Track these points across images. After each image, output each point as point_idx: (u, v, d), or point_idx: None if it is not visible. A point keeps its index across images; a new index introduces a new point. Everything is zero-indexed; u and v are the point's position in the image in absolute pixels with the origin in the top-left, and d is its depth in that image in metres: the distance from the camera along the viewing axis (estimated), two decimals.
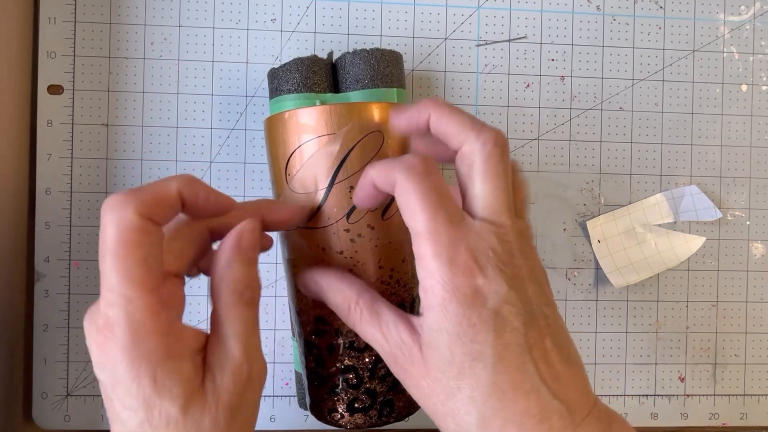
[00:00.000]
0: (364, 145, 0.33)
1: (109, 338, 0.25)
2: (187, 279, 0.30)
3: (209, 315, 0.29)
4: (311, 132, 0.33)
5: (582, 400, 0.27)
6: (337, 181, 0.33)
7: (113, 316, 0.25)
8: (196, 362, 0.27)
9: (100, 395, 0.44)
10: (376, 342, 0.29)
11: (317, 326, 0.34)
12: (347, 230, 0.33)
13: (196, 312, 0.45)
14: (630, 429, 0.28)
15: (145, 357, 0.25)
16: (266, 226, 0.31)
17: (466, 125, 0.29)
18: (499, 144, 0.29)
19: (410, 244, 0.34)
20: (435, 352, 0.26)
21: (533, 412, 0.25)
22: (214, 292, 0.28)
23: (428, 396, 0.27)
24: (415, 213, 0.27)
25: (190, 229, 0.29)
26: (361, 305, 0.29)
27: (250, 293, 0.28)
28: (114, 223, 0.25)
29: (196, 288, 0.45)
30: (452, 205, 0.28)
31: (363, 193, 0.30)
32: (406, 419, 0.35)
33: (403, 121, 0.30)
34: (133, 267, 0.25)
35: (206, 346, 0.28)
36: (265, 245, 0.33)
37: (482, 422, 0.26)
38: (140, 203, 0.25)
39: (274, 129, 0.35)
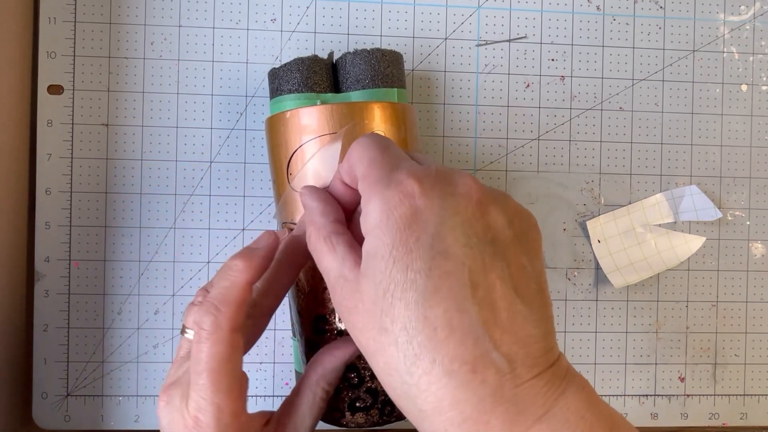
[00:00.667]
0: None
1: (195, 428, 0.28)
2: None
3: None
4: (313, 131, 0.33)
5: (533, 358, 0.23)
6: None
7: (204, 421, 0.27)
8: None
9: (100, 395, 0.44)
10: (325, 272, 0.27)
11: (318, 325, 0.34)
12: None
13: None
14: (588, 397, 0.24)
15: None
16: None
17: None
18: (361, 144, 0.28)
19: None
20: (370, 280, 0.24)
21: (466, 359, 0.22)
22: (307, 385, 0.31)
23: (362, 331, 0.25)
24: (362, 156, 0.27)
25: (252, 319, 0.31)
26: (321, 233, 0.27)
27: (332, 393, 0.32)
28: (210, 341, 0.27)
29: (196, 288, 0.45)
30: (398, 149, 0.27)
31: (335, 191, 0.30)
32: (407, 419, 0.35)
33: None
34: (224, 380, 0.27)
35: (276, 424, 0.31)
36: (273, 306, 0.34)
37: (410, 360, 0.23)
38: (230, 320, 0.27)
39: (275, 128, 0.35)
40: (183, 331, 0.31)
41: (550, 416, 0.23)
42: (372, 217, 0.24)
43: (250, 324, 0.30)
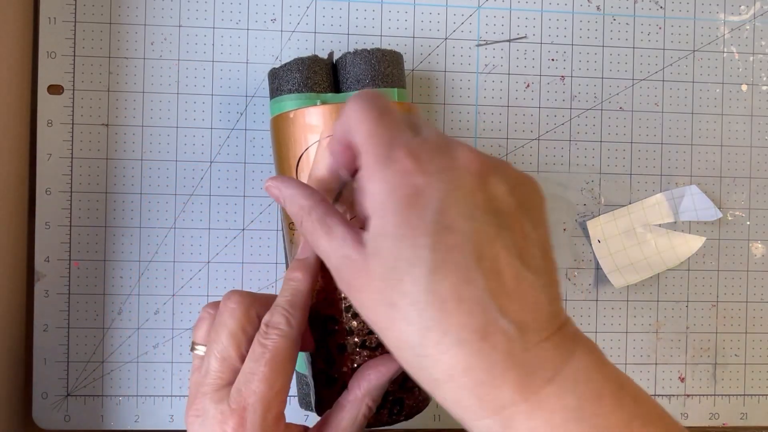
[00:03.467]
0: None
1: (240, 426, 0.28)
2: None
3: None
4: (322, 131, 0.33)
5: (540, 322, 0.24)
6: None
7: (251, 419, 0.28)
8: None
9: (100, 395, 0.44)
10: (325, 254, 0.27)
11: (326, 326, 0.34)
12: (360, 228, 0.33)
13: (197, 312, 0.45)
14: (596, 359, 0.25)
15: None
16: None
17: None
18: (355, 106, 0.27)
19: None
20: (377, 259, 0.24)
21: (475, 328, 0.23)
22: (353, 403, 0.31)
23: (370, 309, 0.25)
24: (360, 126, 0.26)
25: None
26: (313, 217, 0.28)
27: (369, 414, 0.31)
28: (281, 337, 0.29)
29: (196, 288, 0.45)
30: (395, 115, 0.27)
31: (334, 154, 0.29)
32: (414, 417, 0.35)
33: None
34: (280, 378, 0.29)
35: None
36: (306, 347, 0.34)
37: (421, 333, 0.23)
38: (300, 323, 0.30)
39: (283, 128, 0.35)
40: (192, 348, 0.32)
41: (559, 378, 0.23)
42: (374, 198, 0.25)
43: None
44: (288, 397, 0.45)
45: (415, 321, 0.24)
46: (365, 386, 0.31)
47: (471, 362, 0.23)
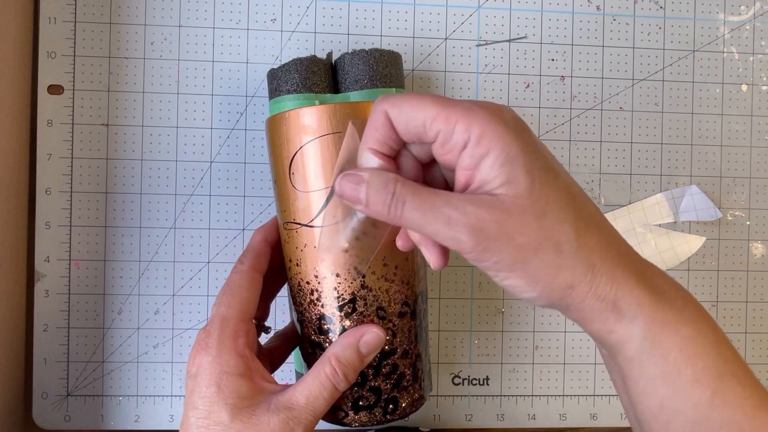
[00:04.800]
0: None
1: (204, 348, 0.32)
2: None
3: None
4: (315, 131, 0.33)
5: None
6: None
7: (210, 329, 0.33)
8: (256, 386, 0.32)
9: (100, 395, 0.44)
10: (443, 215, 0.28)
11: (320, 324, 0.34)
12: (352, 228, 0.33)
13: (197, 312, 0.45)
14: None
15: (220, 366, 0.32)
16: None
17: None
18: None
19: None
20: (514, 182, 0.27)
21: (598, 214, 0.29)
22: (320, 360, 0.33)
23: (521, 232, 0.27)
24: (423, 105, 0.28)
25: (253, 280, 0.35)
26: (409, 188, 0.28)
27: (344, 382, 0.32)
28: (233, 272, 0.34)
29: (196, 288, 0.45)
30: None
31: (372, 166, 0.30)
32: (407, 418, 0.35)
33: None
34: (235, 301, 0.33)
35: (283, 388, 0.33)
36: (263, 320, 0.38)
37: (576, 224, 0.28)
38: (249, 261, 0.35)
39: (276, 128, 0.34)
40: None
41: (651, 271, 0.29)
42: (490, 140, 0.27)
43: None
44: None
45: (566, 216, 0.28)
46: (333, 347, 0.33)
47: (609, 240, 0.29)
